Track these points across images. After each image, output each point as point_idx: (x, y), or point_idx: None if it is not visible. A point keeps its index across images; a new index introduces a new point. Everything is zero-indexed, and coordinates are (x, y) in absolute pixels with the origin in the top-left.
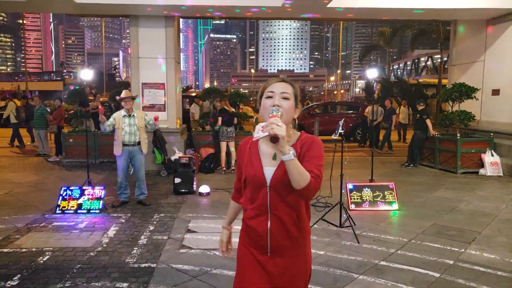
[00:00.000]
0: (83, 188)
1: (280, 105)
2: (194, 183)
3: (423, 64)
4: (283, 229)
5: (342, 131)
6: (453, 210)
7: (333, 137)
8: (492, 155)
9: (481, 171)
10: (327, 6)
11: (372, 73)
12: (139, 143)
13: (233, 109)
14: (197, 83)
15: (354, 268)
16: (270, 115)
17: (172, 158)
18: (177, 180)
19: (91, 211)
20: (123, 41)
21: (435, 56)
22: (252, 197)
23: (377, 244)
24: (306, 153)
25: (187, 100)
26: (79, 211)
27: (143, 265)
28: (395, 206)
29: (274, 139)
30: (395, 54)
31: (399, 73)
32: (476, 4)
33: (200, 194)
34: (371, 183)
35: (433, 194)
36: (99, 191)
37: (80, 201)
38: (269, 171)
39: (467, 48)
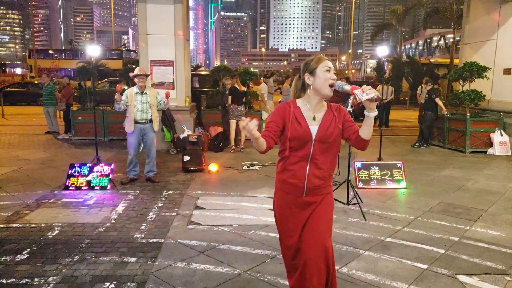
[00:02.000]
0: (92, 164)
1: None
2: (203, 161)
3: (436, 43)
4: (318, 172)
5: (352, 109)
6: (460, 188)
7: None
8: (502, 135)
9: (490, 150)
10: None
11: (383, 51)
12: (150, 120)
13: (243, 88)
14: (207, 61)
15: (360, 244)
16: (347, 85)
17: (181, 136)
18: (186, 158)
19: (100, 188)
20: (133, 18)
21: (448, 36)
22: (298, 148)
23: (383, 221)
24: (345, 117)
25: (197, 78)
26: (88, 188)
27: (151, 240)
28: (403, 184)
29: (377, 99)
30: (407, 34)
31: (411, 52)
32: None
33: (209, 172)
34: (379, 161)
35: (440, 173)
36: (107, 168)
37: (89, 178)
38: (313, 129)
39: (480, 26)
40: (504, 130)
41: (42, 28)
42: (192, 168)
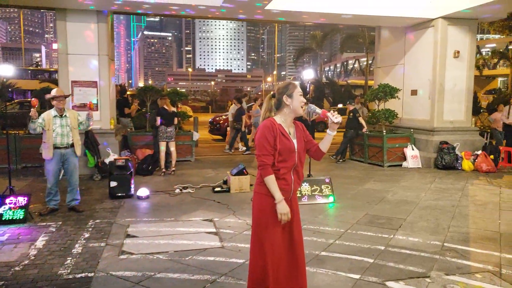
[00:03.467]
0: (4, 196)
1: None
2: (132, 186)
3: (351, 66)
4: (298, 178)
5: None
6: (382, 200)
7: None
8: (413, 149)
9: (404, 163)
10: (265, 8)
11: (309, 74)
12: (72, 145)
13: (173, 109)
14: (130, 81)
15: None
16: (319, 109)
17: (106, 160)
18: (113, 184)
19: (14, 221)
20: (46, 35)
21: (362, 59)
22: (286, 159)
23: (317, 236)
24: (305, 132)
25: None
26: None
27: (79, 275)
28: (331, 198)
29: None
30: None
31: (329, 74)
32: (396, 13)
33: (139, 197)
34: (309, 178)
35: (363, 187)
36: (23, 198)
37: (0, 211)
38: (294, 141)
39: (390, 52)
40: (415, 144)
41: None
42: (119, 194)
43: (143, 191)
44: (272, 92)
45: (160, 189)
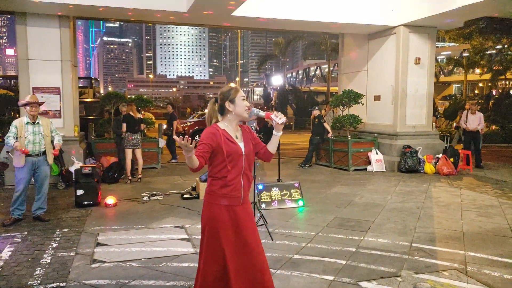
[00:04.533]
0: None
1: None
2: (99, 194)
3: (313, 73)
4: (247, 182)
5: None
6: (350, 203)
7: None
8: (377, 153)
9: (369, 167)
10: (231, 15)
11: (277, 80)
12: (44, 153)
13: (139, 115)
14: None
15: (272, 264)
16: (262, 112)
17: (71, 168)
18: (79, 192)
19: None
20: None
21: (323, 66)
22: (233, 164)
23: (289, 239)
24: (253, 135)
25: (82, 105)
26: None
27: (50, 285)
28: (301, 203)
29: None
30: (288, 64)
31: (292, 81)
32: (359, 20)
33: (106, 205)
34: (278, 182)
35: (331, 190)
36: None
37: None
38: (241, 145)
39: (353, 58)
40: (379, 149)
41: None
42: (86, 203)
43: (110, 199)
44: (214, 97)
45: (128, 196)
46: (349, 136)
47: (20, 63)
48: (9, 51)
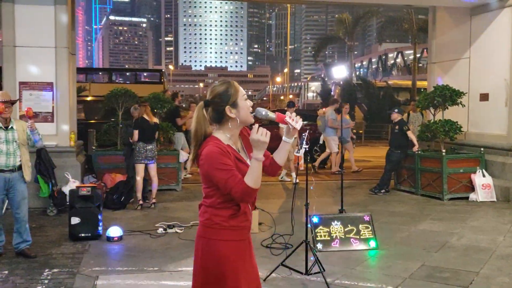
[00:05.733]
0: None
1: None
2: (100, 223)
3: (392, 61)
4: (252, 206)
5: (307, 147)
6: (444, 246)
7: (295, 154)
8: (484, 176)
9: (472, 196)
10: None
11: (340, 72)
12: (20, 167)
13: (155, 119)
14: None
15: None
16: (272, 113)
17: (65, 189)
18: (75, 221)
19: None
20: None
21: (407, 52)
22: None
23: None
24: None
25: (81, 106)
26: None
27: None
28: (373, 244)
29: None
30: (358, 49)
31: (362, 73)
32: None
33: (109, 239)
34: (341, 214)
35: (417, 227)
36: None
37: None
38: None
39: (450, 42)
40: (486, 169)
41: None
42: (84, 235)
43: (115, 231)
44: (204, 100)
45: (138, 228)
46: (444, 150)
47: (5, 51)
48: None
